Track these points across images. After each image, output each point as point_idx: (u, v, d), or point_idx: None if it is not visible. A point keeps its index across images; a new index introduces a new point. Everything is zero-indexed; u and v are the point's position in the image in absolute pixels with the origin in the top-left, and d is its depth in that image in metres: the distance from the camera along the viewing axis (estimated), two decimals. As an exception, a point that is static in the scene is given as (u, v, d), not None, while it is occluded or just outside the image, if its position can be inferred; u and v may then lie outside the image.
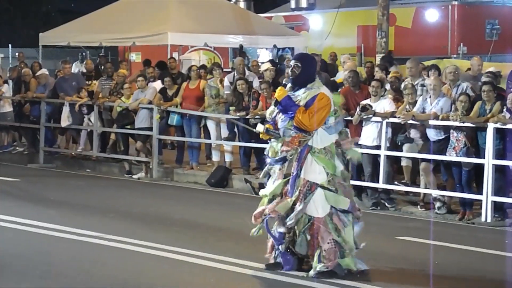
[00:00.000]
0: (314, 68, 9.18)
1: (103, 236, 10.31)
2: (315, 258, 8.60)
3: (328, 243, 8.56)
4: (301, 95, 8.78)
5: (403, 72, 16.00)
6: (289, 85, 9.03)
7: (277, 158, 8.79)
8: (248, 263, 9.02)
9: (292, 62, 8.93)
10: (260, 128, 8.93)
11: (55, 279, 8.36)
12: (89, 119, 17.64)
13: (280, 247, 8.76)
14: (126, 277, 8.47)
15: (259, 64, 19.74)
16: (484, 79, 13.12)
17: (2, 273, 8.48)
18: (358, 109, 13.19)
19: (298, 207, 8.60)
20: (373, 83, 13.39)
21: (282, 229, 8.70)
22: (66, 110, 17.73)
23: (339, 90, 13.92)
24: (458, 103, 12.38)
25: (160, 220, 11.74)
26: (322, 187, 8.63)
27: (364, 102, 13.29)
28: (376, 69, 15.35)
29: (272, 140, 8.89)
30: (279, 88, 8.96)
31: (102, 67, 19.18)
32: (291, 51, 23.40)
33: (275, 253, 8.88)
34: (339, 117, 8.87)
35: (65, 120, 17.75)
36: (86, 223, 11.16)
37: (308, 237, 8.63)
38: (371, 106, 13.14)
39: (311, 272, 8.58)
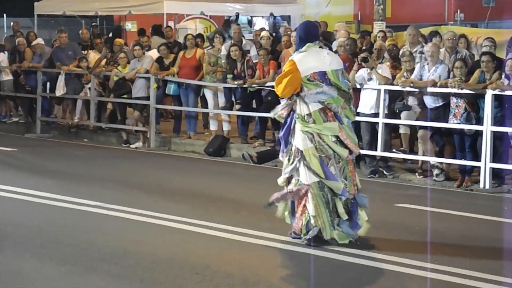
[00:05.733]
0: (301, 35, 8.72)
1: (103, 205, 10.33)
2: (303, 225, 8.55)
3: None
4: None
5: (399, 39, 15.97)
6: None
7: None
8: (248, 231, 9.05)
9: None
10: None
11: (56, 248, 8.38)
12: (89, 89, 17.60)
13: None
14: (126, 246, 8.49)
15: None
16: (484, 46, 13.02)
17: (3, 242, 8.50)
18: (356, 62, 13.14)
19: (288, 168, 8.65)
20: (362, 54, 13.33)
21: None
22: (61, 79, 17.68)
23: None
24: (455, 69, 12.35)
25: (159, 190, 11.75)
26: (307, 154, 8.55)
27: (363, 54, 13.22)
28: (380, 35, 15.24)
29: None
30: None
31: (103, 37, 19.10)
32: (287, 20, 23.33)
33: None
34: (322, 87, 8.50)
35: (60, 90, 17.70)
36: (86, 193, 11.18)
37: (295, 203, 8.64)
38: (370, 57, 13.09)
39: (302, 239, 8.58)
